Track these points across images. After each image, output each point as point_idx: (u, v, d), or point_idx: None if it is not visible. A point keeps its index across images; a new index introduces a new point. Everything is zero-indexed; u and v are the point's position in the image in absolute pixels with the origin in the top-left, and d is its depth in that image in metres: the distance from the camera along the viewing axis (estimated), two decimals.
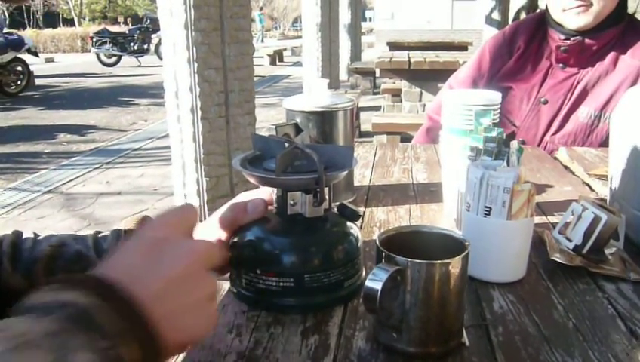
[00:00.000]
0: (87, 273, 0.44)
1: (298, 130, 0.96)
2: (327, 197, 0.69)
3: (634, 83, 1.46)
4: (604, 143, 1.48)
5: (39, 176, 4.89)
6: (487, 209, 0.72)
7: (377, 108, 7.05)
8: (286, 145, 0.71)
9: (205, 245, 0.51)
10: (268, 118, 6.52)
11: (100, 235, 0.75)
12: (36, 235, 0.74)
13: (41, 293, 0.41)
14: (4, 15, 10.90)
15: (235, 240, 0.69)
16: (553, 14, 1.57)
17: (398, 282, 0.55)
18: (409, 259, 0.54)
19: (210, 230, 0.70)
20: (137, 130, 6.94)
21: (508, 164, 0.80)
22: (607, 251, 0.81)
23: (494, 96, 0.95)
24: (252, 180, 0.70)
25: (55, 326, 0.37)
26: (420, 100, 4.86)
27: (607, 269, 0.77)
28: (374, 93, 8.93)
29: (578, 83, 1.53)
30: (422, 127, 1.80)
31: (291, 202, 0.68)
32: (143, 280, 0.45)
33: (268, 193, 0.75)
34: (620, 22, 1.52)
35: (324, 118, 0.97)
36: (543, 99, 1.56)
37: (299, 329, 0.64)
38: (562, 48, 1.53)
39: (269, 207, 0.73)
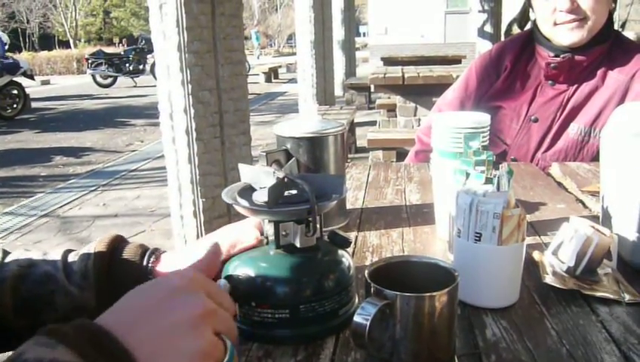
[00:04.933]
0: (79, 322, 0.43)
1: (288, 156, 0.96)
2: (318, 226, 0.69)
3: (622, 98, 1.47)
4: (595, 159, 1.48)
5: (35, 199, 4.88)
6: (478, 235, 0.71)
7: (373, 123, 7.08)
8: (274, 174, 0.71)
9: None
10: (264, 135, 6.53)
11: (70, 255, 0.74)
12: (5, 253, 0.74)
13: (31, 346, 0.40)
14: (7, 39, 10.88)
15: (229, 273, 0.68)
16: (543, 29, 1.56)
17: (387, 315, 0.54)
18: (397, 293, 0.54)
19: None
20: (133, 151, 6.94)
21: (498, 188, 0.80)
22: (600, 272, 0.81)
23: (483, 119, 0.95)
24: (243, 212, 0.69)
25: None
26: (415, 115, 4.88)
27: (601, 291, 0.77)
28: (370, 108, 8.96)
29: (568, 100, 1.53)
30: (412, 150, 1.81)
31: (283, 233, 0.68)
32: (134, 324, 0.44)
33: (257, 222, 0.75)
34: (607, 38, 1.52)
35: (315, 144, 0.97)
36: (533, 118, 1.56)
37: None
38: (552, 65, 1.52)
39: (260, 237, 0.73)
